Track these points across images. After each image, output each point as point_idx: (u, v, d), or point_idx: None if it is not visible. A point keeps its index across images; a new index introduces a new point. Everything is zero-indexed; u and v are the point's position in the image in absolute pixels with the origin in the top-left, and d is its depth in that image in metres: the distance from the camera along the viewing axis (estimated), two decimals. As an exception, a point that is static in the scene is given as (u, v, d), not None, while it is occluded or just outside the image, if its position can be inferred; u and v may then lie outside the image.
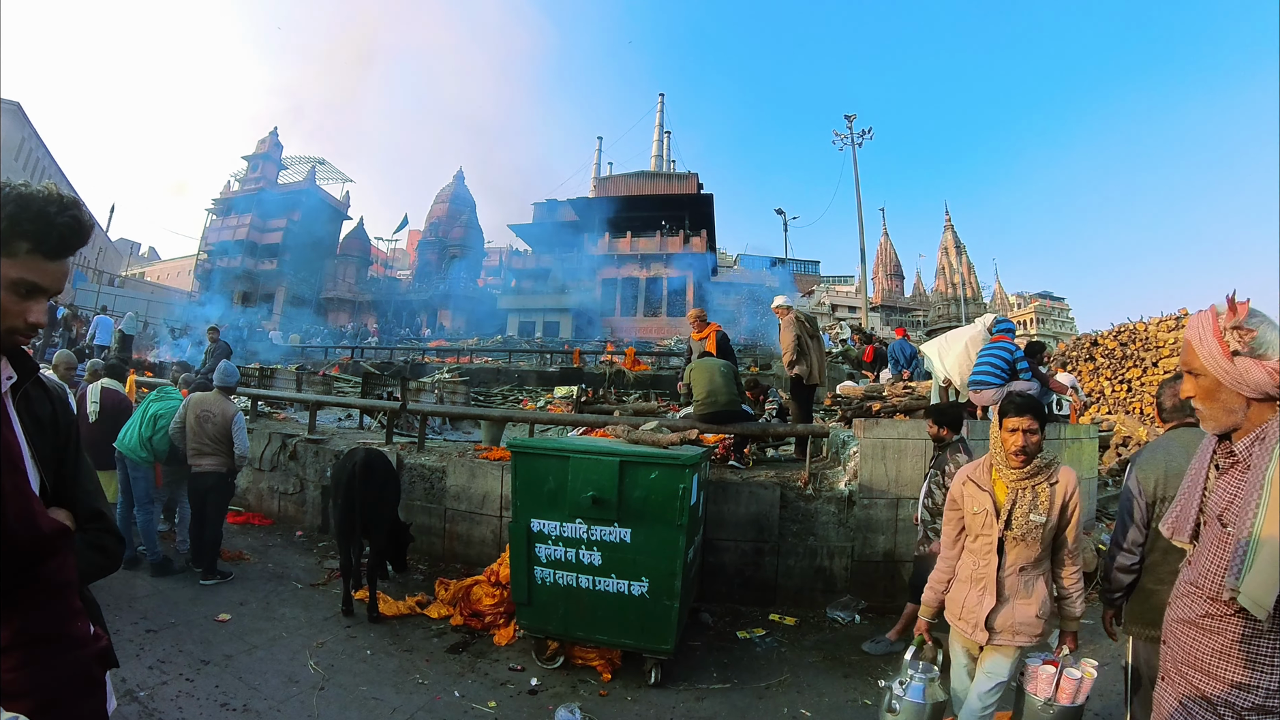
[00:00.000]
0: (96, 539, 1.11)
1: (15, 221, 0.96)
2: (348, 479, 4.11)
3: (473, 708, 3.17)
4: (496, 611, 4.13)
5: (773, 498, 4.78)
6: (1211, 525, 1.27)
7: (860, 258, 26.00)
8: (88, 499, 1.14)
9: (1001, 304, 56.51)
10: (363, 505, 4.11)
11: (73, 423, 1.18)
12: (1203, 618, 1.26)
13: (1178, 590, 1.35)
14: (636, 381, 16.13)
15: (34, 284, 0.99)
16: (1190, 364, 1.30)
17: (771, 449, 6.58)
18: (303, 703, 3.10)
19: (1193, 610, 1.28)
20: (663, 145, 48.52)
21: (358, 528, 4.17)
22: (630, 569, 3.41)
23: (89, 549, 1.09)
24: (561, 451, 3.57)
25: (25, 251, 0.98)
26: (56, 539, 0.77)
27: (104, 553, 1.13)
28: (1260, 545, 1.12)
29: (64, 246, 1.01)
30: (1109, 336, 14.83)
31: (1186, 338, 1.31)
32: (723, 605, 4.65)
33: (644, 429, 4.20)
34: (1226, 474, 1.28)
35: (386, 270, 49.00)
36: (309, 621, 4.10)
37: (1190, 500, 1.35)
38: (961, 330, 5.72)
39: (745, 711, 3.28)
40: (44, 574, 0.76)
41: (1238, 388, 1.23)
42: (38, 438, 1.07)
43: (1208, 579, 1.25)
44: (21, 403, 1.06)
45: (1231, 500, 1.23)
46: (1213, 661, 1.24)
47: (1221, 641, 1.23)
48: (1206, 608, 1.25)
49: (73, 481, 1.12)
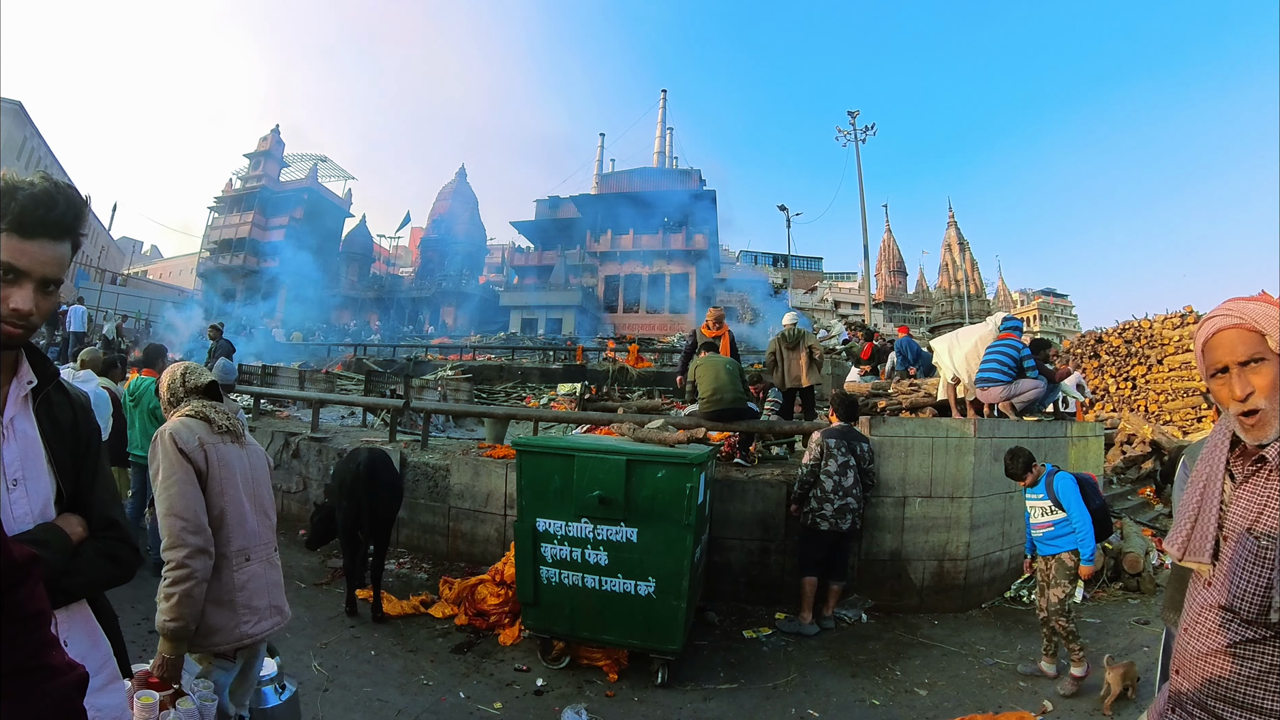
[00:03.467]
0: (109, 548, 1.09)
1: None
2: (353, 480, 4.06)
3: (478, 709, 3.15)
4: (501, 611, 4.11)
5: (779, 496, 4.75)
6: (1239, 541, 1.14)
7: (863, 254, 25.87)
8: (103, 507, 1.11)
9: (1005, 301, 56.33)
10: (370, 507, 4.07)
11: (94, 431, 1.16)
12: (1238, 645, 1.13)
13: (1197, 619, 1.22)
14: (640, 378, 16.12)
15: (9, 264, 0.94)
16: (1251, 351, 1.11)
17: (776, 447, 6.55)
18: (306, 704, 3.07)
19: (1223, 639, 1.15)
20: (665, 142, 48.39)
21: (364, 529, 4.15)
22: (637, 569, 3.38)
23: (101, 558, 1.07)
24: (567, 450, 3.54)
25: (2, 231, 0.94)
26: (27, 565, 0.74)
27: (116, 562, 1.11)
28: None
29: (35, 221, 0.96)
30: (1114, 334, 14.77)
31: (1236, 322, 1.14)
32: (729, 604, 4.62)
33: (650, 427, 4.16)
34: (1249, 483, 1.15)
35: (389, 268, 49.00)
36: (313, 621, 4.08)
37: (1207, 515, 1.21)
38: (972, 328, 5.68)
39: (753, 712, 3.25)
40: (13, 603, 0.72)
41: None
42: (56, 443, 1.05)
43: (1247, 600, 1.11)
44: (42, 407, 1.05)
45: (1262, 510, 1.11)
46: (1249, 691, 1.11)
47: (1257, 667, 1.11)
48: (1243, 633, 1.13)
49: (89, 489, 1.10)
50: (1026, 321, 52.92)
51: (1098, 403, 13.60)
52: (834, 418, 4.55)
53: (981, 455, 4.74)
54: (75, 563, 1.03)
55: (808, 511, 4.29)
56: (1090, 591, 5.04)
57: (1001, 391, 4.98)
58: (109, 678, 1.11)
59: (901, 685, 3.57)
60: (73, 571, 1.03)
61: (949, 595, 4.72)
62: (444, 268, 41.20)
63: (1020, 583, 5.04)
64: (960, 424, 4.90)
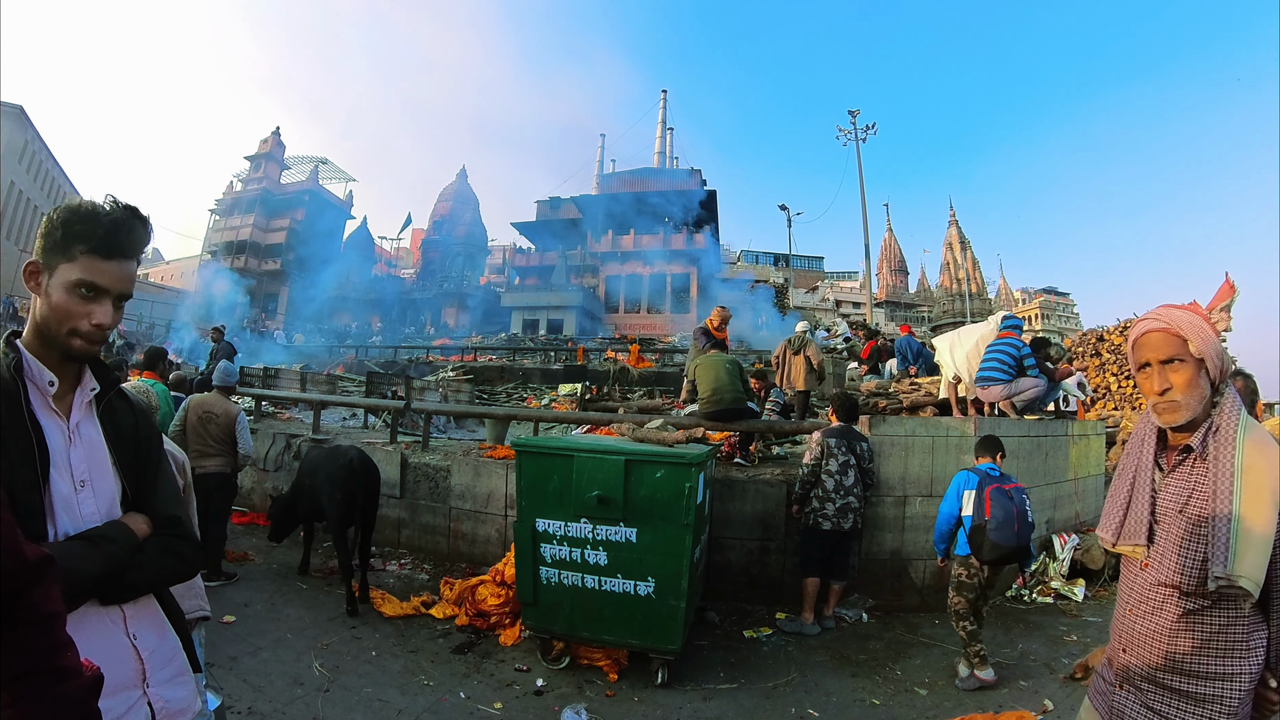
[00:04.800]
0: (171, 545, 1.14)
1: (68, 226, 1.04)
2: (346, 475, 4.34)
3: (478, 709, 3.15)
4: (502, 611, 4.11)
5: (779, 495, 4.74)
6: (1172, 523, 1.27)
7: (864, 253, 25.88)
8: (165, 505, 1.17)
9: (1006, 299, 56.25)
10: (363, 500, 4.41)
11: (155, 433, 1.23)
12: (1181, 617, 1.25)
13: (1141, 599, 1.32)
14: (641, 378, 16.12)
15: (92, 283, 1.05)
16: (1170, 352, 1.28)
17: (777, 446, 6.54)
18: (307, 705, 3.08)
19: (1169, 614, 1.27)
20: (665, 142, 48.40)
21: (357, 520, 4.43)
22: (636, 569, 3.38)
23: (164, 554, 1.12)
24: (566, 450, 3.54)
25: (81, 253, 1.04)
26: (42, 567, 0.75)
27: (179, 558, 1.16)
28: (1242, 529, 1.16)
29: (116, 244, 1.07)
30: (1115, 332, 14.75)
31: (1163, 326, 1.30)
32: (729, 604, 4.62)
33: (649, 427, 4.16)
34: (1176, 471, 1.29)
35: (390, 269, 49.05)
36: (314, 622, 4.09)
37: (1140, 502, 1.34)
38: (973, 327, 5.67)
39: (752, 712, 3.25)
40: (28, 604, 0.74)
41: (1217, 372, 1.27)
42: (119, 446, 1.13)
43: (1186, 574, 1.24)
44: (105, 412, 1.13)
45: (1191, 494, 1.25)
46: (1196, 660, 1.23)
47: (1202, 635, 1.23)
48: (1185, 605, 1.24)
49: (152, 489, 1.16)
50: (1028, 320, 52.81)
51: (1099, 401, 13.57)
52: (834, 417, 4.55)
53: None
54: (139, 558, 1.08)
55: (809, 511, 4.29)
56: (1091, 590, 5.04)
57: (1002, 390, 4.97)
58: (178, 670, 1.14)
59: (902, 685, 3.56)
60: (137, 567, 1.07)
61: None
62: (445, 269, 41.25)
63: (1022, 582, 5.03)
64: (961, 423, 4.90)
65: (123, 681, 1.03)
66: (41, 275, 1.05)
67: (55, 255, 1.05)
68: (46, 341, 1.06)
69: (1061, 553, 5.17)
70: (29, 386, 1.03)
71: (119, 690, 1.02)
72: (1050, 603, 4.86)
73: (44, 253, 1.06)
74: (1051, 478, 5.36)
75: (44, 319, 1.05)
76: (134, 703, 1.04)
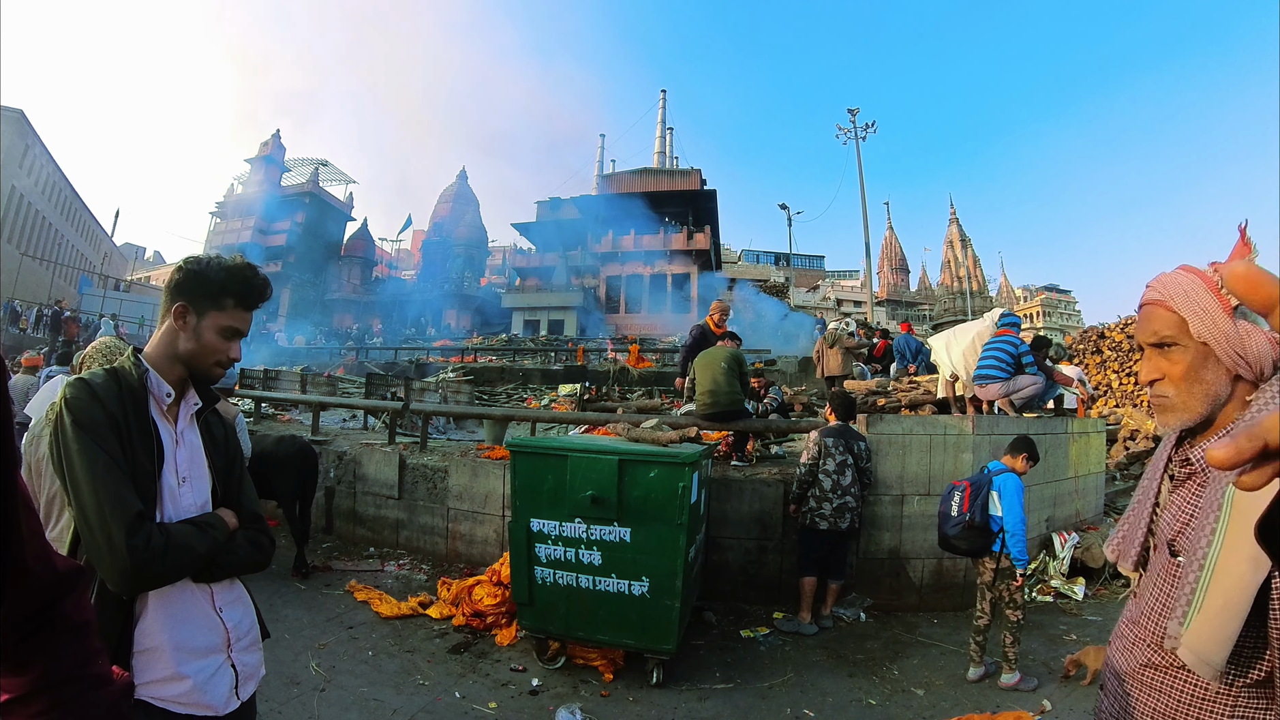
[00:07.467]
0: (254, 537, 1.36)
1: (225, 285, 1.29)
2: (301, 459, 5.09)
3: (474, 709, 3.15)
4: (498, 612, 4.11)
5: (776, 495, 4.73)
6: (1161, 551, 1.00)
7: (865, 252, 25.87)
8: (249, 504, 1.40)
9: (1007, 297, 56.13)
10: (310, 479, 5.16)
11: (239, 444, 1.47)
12: (1143, 669, 0.99)
13: (1117, 630, 1.09)
14: (640, 379, 16.12)
15: (236, 329, 1.32)
16: (1162, 333, 0.97)
17: (775, 445, 6.53)
18: (304, 704, 3.08)
19: (1133, 659, 1.01)
20: (665, 142, 48.42)
21: (304, 494, 5.13)
22: (631, 568, 3.38)
23: (248, 544, 1.34)
24: (560, 450, 3.54)
25: (231, 305, 1.30)
26: (73, 577, 0.78)
27: (260, 549, 1.36)
28: (1211, 584, 0.85)
29: (259, 300, 1.35)
30: (1116, 329, 14.72)
31: (1157, 299, 0.99)
32: (726, 604, 4.61)
33: (644, 426, 4.16)
34: (1182, 488, 0.99)
35: (391, 271, 49.08)
36: (311, 623, 4.09)
37: (1138, 518, 1.07)
38: (970, 324, 5.65)
39: (748, 712, 3.24)
40: (61, 614, 0.77)
41: (1233, 362, 0.92)
42: (214, 452, 1.36)
43: (1149, 619, 0.98)
44: (204, 425, 1.36)
45: (1186, 523, 0.96)
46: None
47: (1165, 703, 0.95)
48: (1148, 656, 0.98)
49: (238, 490, 1.39)
50: (1029, 318, 52.72)
51: (1100, 398, 13.54)
52: (831, 416, 4.54)
53: (980, 452, 4.71)
54: (231, 544, 1.29)
55: (806, 511, 4.28)
56: (1092, 589, 5.02)
57: (999, 388, 4.96)
58: (254, 639, 1.40)
59: (899, 685, 3.55)
60: (229, 552, 1.28)
61: (948, 594, 4.70)
62: (445, 270, 41.25)
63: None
64: (958, 421, 4.88)
65: (212, 646, 1.26)
66: (189, 316, 1.28)
67: (207, 303, 1.28)
68: (174, 362, 1.29)
69: (1061, 551, 5.15)
70: (149, 396, 1.25)
71: (210, 653, 1.25)
72: (1050, 601, 4.84)
73: (194, 298, 1.27)
74: (1051, 476, 5.34)
75: (189, 351, 1.28)
76: (221, 664, 1.27)
